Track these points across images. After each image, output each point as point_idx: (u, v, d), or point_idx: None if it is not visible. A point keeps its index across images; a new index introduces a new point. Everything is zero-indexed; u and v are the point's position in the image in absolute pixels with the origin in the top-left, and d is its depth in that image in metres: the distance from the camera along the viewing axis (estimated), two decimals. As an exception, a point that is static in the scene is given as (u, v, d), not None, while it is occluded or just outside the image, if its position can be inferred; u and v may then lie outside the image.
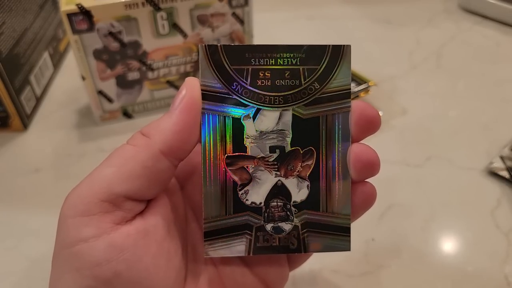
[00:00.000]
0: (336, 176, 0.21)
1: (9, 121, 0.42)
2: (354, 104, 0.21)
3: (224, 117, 0.21)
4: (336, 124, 0.21)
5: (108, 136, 0.42)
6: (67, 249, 0.18)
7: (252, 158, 0.21)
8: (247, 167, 0.21)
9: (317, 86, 0.21)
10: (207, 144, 0.21)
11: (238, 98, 0.21)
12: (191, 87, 0.20)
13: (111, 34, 0.38)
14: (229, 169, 0.21)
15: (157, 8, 0.38)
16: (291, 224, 0.21)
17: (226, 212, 0.21)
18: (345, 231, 0.22)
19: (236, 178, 0.21)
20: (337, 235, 0.22)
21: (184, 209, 0.23)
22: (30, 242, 0.34)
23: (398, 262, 0.32)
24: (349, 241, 0.22)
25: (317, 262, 0.27)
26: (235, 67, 0.21)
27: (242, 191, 0.21)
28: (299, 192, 0.21)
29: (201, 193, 0.21)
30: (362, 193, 0.22)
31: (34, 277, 0.31)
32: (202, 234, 0.21)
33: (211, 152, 0.21)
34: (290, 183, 0.21)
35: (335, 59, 0.21)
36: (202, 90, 0.20)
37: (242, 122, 0.21)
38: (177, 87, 0.44)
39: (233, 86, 0.21)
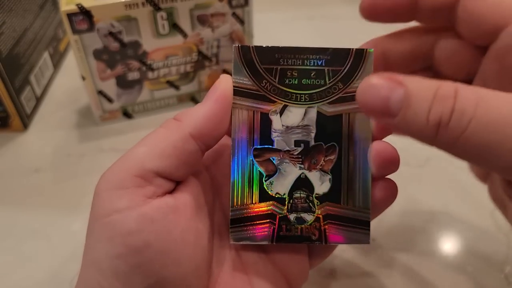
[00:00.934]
0: (357, 171, 0.22)
1: (9, 121, 0.42)
2: None
3: (253, 111, 0.22)
4: (358, 121, 0.22)
5: (108, 136, 0.42)
6: (101, 219, 0.19)
7: (278, 151, 0.22)
8: (273, 159, 0.22)
9: (340, 86, 0.22)
10: (236, 136, 0.22)
11: (267, 94, 0.22)
12: (225, 82, 0.22)
13: (111, 34, 0.38)
14: (256, 160, 0.22)
15: (157, 8, 0.38)
16: (313, 215, 0.22)
17: (252, 201, 0.22)
18: (365, 225, 0.23)
19: (262, 169, 0.22)
20: (357, 228, 0.23)
21: (212, 198, 0.24)
22: (30, 242, 0.34)
23: (398, 263, 0.32)
24: (369, 234, 0.23)
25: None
26: (265, 66, 0.22)
27: (268, 182, 0.23)
28: (321, 185, 0.23)
29: (229, 182, 0.22)
30: (384, 189, 0.23)
31: (34, 277, 0.31)
32: (228, 222, 0.23)
33: (240, 144, 0.22)
34: (313, 176, 0.23)
35: (358, 61, 0.22)
36: (234, 86, 0.22)
37: (270, 117, 0.22)
38: (177, 87, 0.44)
39: (263, 84, 0.22)
